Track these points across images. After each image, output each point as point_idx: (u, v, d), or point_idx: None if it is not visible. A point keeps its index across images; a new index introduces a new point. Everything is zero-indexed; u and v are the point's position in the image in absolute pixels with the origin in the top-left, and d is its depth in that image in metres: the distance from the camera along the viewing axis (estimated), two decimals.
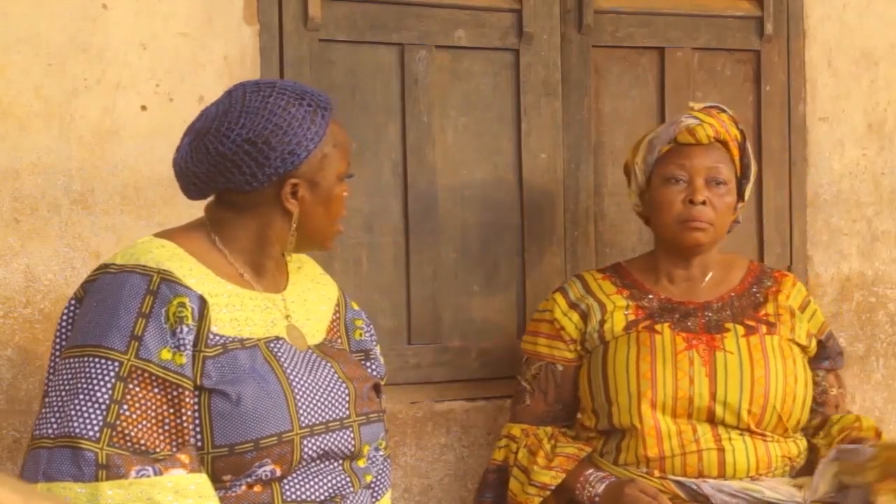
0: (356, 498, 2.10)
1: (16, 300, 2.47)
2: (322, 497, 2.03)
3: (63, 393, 1.89)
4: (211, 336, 1.96)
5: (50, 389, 1.93)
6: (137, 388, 1.89)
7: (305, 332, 2.11)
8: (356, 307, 2.29)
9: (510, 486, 2.67)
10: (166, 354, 1.91)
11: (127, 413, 1.87)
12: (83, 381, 1.88)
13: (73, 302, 2.01)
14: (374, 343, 2.29)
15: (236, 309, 2.01)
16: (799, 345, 2.69)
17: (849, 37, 3.35)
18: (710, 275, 2.74)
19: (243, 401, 1.93)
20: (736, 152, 2.70)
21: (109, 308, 1.93)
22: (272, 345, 2.02)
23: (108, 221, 2.53)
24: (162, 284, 1.94)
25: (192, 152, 2.02)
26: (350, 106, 2.83)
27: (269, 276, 2.11)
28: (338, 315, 2.23)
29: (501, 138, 3.01)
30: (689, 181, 2.65)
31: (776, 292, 2.74)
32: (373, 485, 2.20)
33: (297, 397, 1.98)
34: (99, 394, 1.87)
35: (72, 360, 1.92)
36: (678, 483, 2.56)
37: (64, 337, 1.99)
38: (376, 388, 2.20)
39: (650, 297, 2.70)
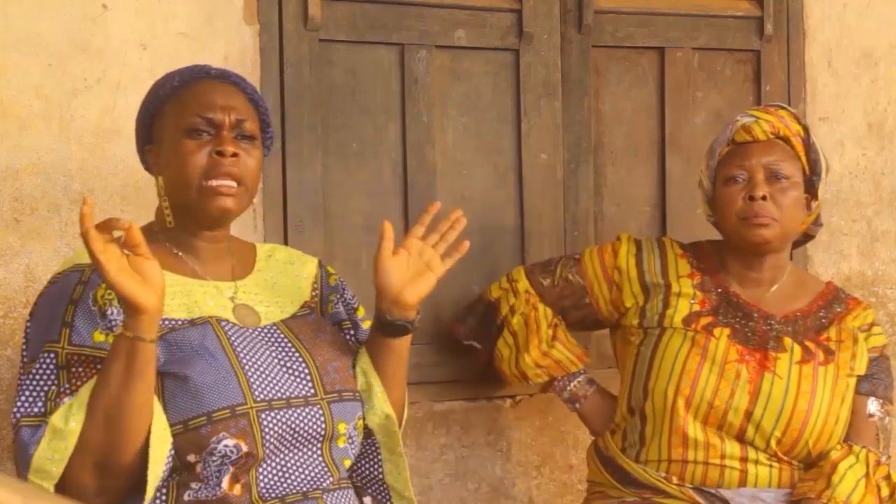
0: (337, 496, 2.09)
1: (16, 300, 2.47)
2: (298, 490, 2.02)
3: (17, 390, 1.93)
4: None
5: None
6: (81, 370, 1.91)
7: (268, 310, 2.11)
8: (333, 282, 2.27)
9: (499, 346, 2.75)
10: (99, 336, 1.93)
11: (68, 389, 1.90)
12: (29, 376, 1.92)
13: (28, 319, 2.04)
14: (355, 307, 2.28)
15: (183, 295, 2.03)
16: (858, 376, 2.63)
17: (849, 37, 3.36)
18: (779, 283, 2.68)
19: (191, 377, 1.94)
20: (800, 148, 2.64)
21: (46, 307, 1.98)
22: (222, 323, 2.03)
23: None
24: (92, 274, 1.96)
25: None
26: (350, 106, 2.84)
27: (217, 261, 2.12)
28: (316, 291, 2.23)
29: (501, 138, 3.01)
30: (748, 178, 2.60)
31: (842, 316, 2.68)
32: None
33: (248, 372, 1.98)
34: (42, 383, 1.91)
35: (22, 377, 1.95)
36: (697, 490, 2.55)
37: (24, 355, 2.01)
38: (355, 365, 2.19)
39: (719, 290, 2.66)
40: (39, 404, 1.89)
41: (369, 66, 2.87)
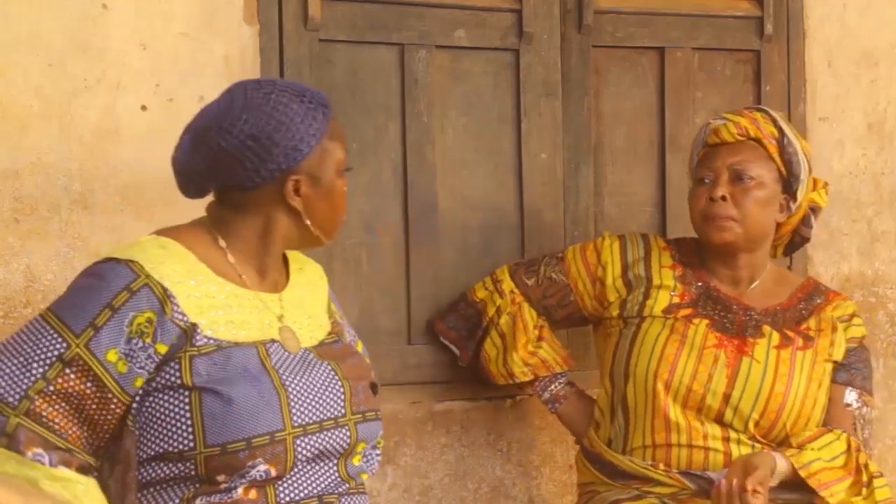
0: (353, 501, 2.09)
1: (16, 300, 2.47)
2: (313, 495, 2.02)
3: (7, 348, 1.91)
4: (203, 339, 1.95)
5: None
6: (73, 376, 1.89)
7: (302, 332, 2.10)
8: (339, 318, 2.28)
9: (486, 348, 2.79)
10: (112, 356, 1.90)
11: (51, 391, 1.88)
12: (28, 345, 1.90)
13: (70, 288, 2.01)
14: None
15: (233, 311, 2.00)
16: (835, 362, 2.66)
17: (849, 37, 3.36)
18: (758, 280, 2.71)
19: (235, 400, 1.92)
20: (773, 149, 2.65)
21: (86, 288, 1.94)
22: (267, 347, 2.02)
23: (108, 221, 2.53)
24: (144, 289, 1.93)
25: (193, 149, 2.01)
26: (350, 106, 2.83)
27: (271, 276, 2.11)
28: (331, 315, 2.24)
29: (501, 138, 3.01)
30: (713, 180, 2.64)
31: (822, 307, 2.71)
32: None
33: (291, 398, 1.97)
34: (35, 365, 1.89)
35: (33, 320, 1.93)
36: (684, 474, 2.57)
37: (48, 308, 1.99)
38: (373, 387, 2.20)
39: (699, 284, 2.69)
40: (19, 394, 1.87)
41: (369, 66, 2.86)
